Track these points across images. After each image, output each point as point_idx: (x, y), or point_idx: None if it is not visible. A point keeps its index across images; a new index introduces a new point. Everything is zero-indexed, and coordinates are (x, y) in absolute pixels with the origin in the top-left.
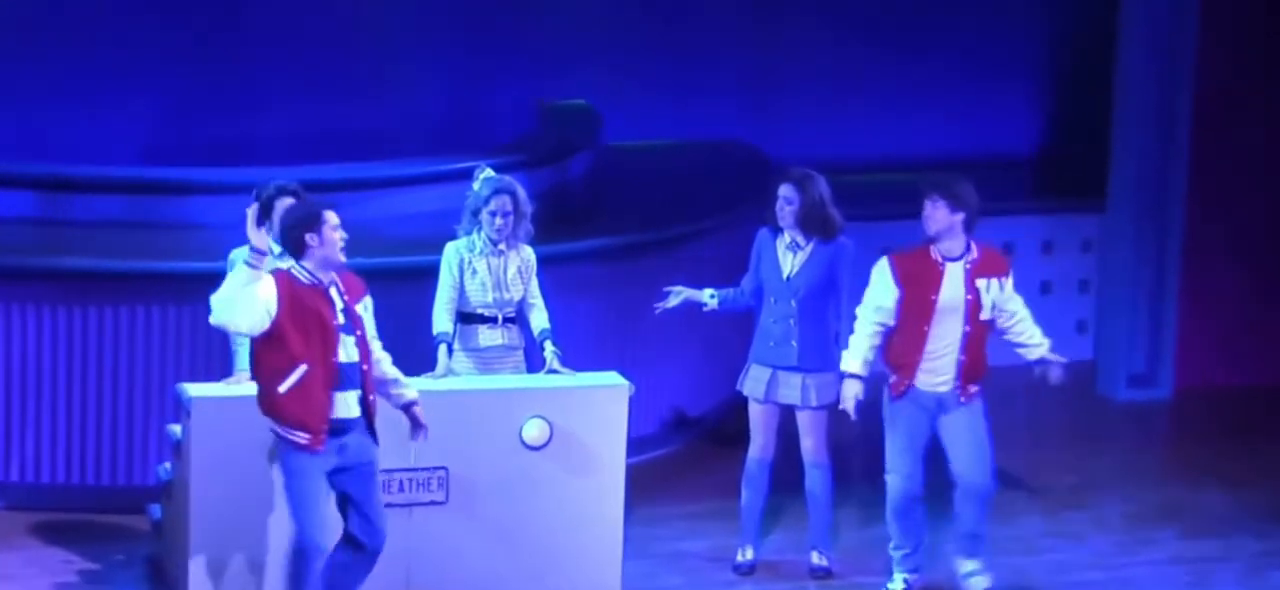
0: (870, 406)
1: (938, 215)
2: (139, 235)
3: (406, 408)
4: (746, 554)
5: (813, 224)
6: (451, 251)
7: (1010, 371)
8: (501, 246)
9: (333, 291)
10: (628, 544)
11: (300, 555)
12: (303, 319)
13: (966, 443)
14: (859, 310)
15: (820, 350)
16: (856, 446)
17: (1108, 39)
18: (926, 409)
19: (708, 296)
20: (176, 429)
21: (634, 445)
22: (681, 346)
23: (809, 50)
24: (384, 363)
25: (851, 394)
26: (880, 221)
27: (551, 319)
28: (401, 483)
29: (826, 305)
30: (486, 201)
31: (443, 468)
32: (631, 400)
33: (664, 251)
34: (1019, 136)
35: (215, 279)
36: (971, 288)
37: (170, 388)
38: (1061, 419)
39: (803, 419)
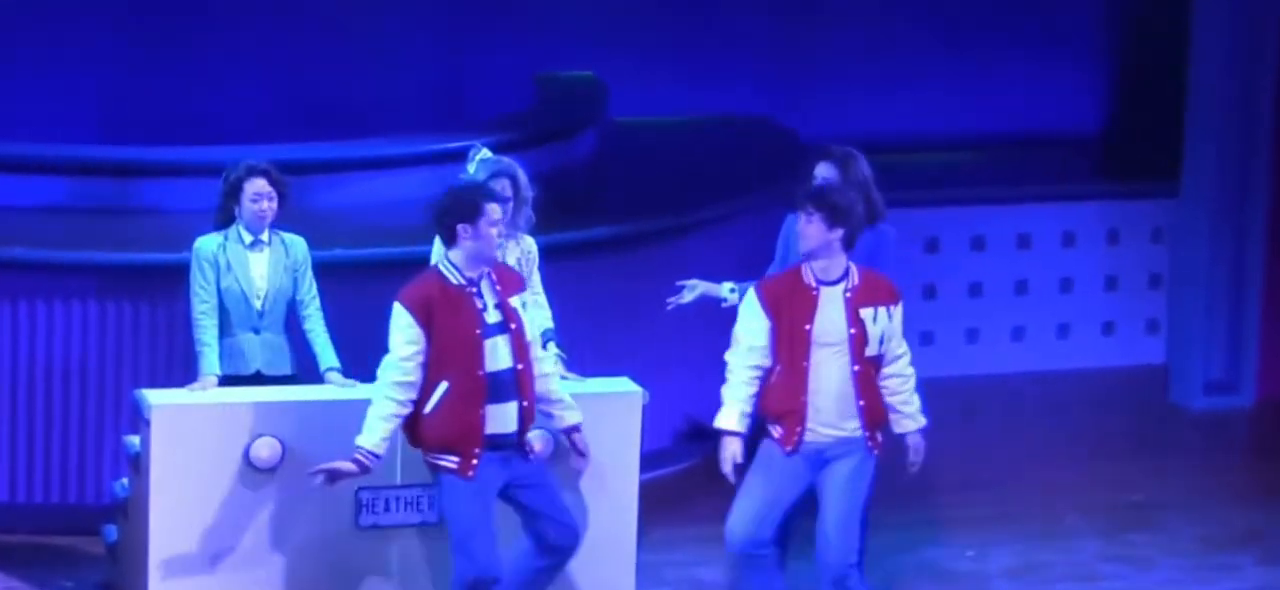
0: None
1: (811, 231)
2: (90, 222)
3: (568, 432)
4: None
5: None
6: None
7: (1066, 377)
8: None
9: (484, 286)
10: (641, 569)
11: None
12: (444, 329)
13: (836, 511)
14: (728, 355)
15: None
16: (894, 459)
17: (1182, 4)
18: (808, 462)
19: (727, 291)
20: (134, 440)
21: (646, 460)
22: (700, 347)
23: (845, 14)
24: (547, 369)
25: (730, 454)
26: (925, 207)
27: (555, 317)
28: (387, 502)
29: None
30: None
31: (433, 485)
32: (645, 409)
33: (679, 240)
34: (1082, 112)
35: (176, 270)
36: (854, 319)
37: (127, 394)
38: (1127, 430)
39: None
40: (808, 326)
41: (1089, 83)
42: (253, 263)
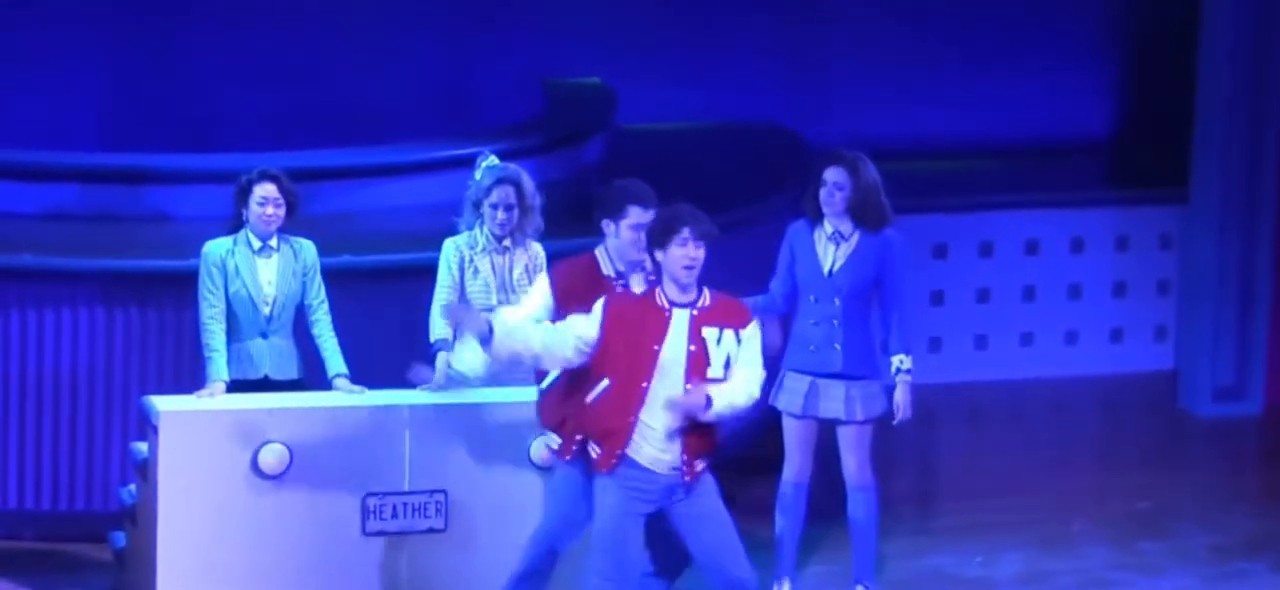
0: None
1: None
2: (97, 228)
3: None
4: (782, 587)
5: (863, 213)
6: (451, 248)
7: (1075, 384)
8: (506, 243)
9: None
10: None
11: None
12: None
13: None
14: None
15: (865, 355)
16: (902, 466)
17: (1191, 10)
18: (645, 494)
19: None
20: (142, 447)
21: None
22: None
23: (853, 21)
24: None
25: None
26: (933, 214)
27: None
28: (395, 508)
29: (870, 306)
30: (488, 192)
31: (442, 491)
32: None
33: None
34: (1091, 119)
35: (183, 277)
36: (696, 337)
37: (134, 401)
38: (1136, 436)
39: (846, 435)
40: (656, 346)
41: (1098, 90)
42: (261, 268)
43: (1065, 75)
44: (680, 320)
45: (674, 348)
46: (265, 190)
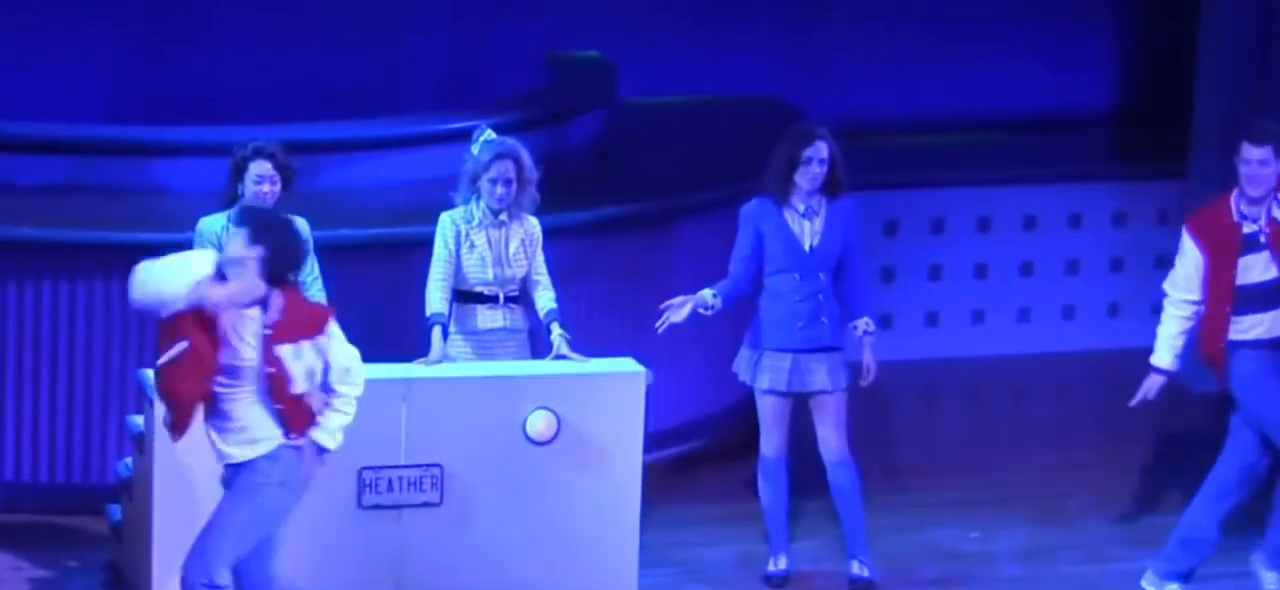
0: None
1: None
2: (95, 201)
3: None
4: (779, 563)
5: (836, 184)
6: (447, 222)
7: (1073, 359)
8: (503, 217)
9: None
10: (644, 551)
11: None
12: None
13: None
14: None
15: (841, 325)
16: (899, 441)
17: None
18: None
19: (711, 297)
20: (138, 420)
21: (650, 441)
22: (705, 328)
23: None
24: None
25: None
26: (932, 188)
27: (558, 298)
28: (390, 482)
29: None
30: (487, 167)
31: (437, 465)
32: (649, 389)
33: (685, 222)
34: (1092, 95)
35: (180, 250)
36: (271, 357)
37: (131, 374)
38: (1133, 411)
39: (827, 405)
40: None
41: (1098, 66)
42: None
43: (1065, 51)
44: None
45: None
46: (261, 168)
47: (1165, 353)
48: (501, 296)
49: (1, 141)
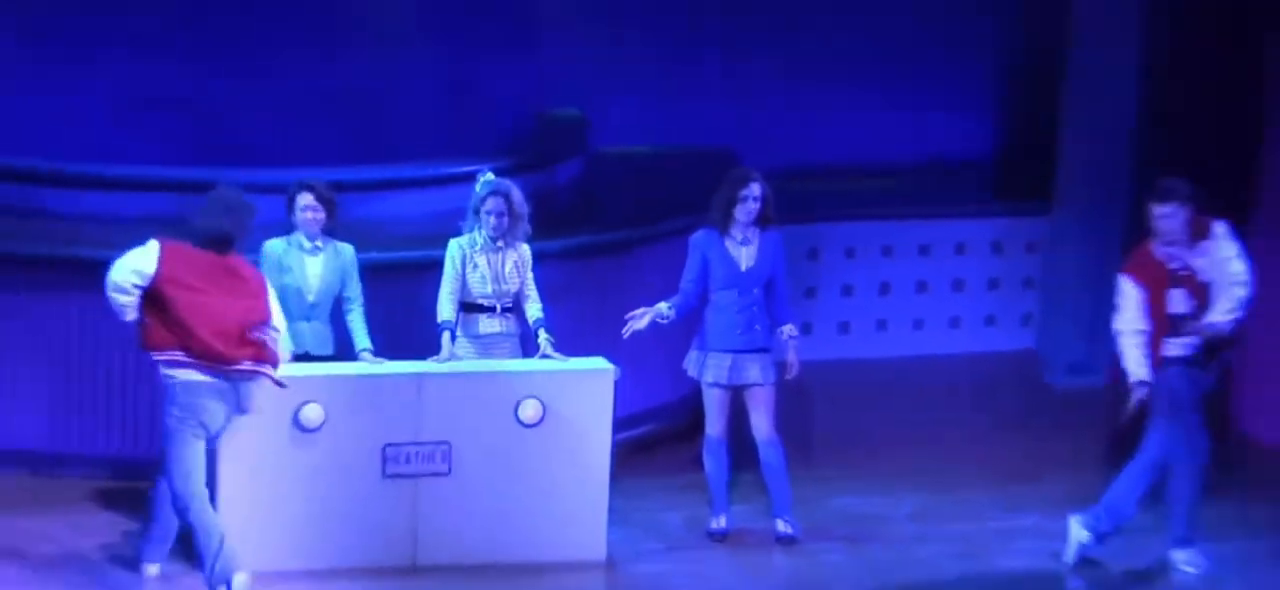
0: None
1: None
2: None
3: None
4: (720, 522)
5: (766, 217)
6: (455, 247)
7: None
8: (500, 243)
9: None
10: (612, 513)
11: None
12: None
13: None
14: None
15: (770, 330)
16: (815, 428)
17: (1058, 51)
18: None
19: (666, 309)
20: None
21: (619, 424)
22: (665, 333)
23: (784, 64)
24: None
25: None
26: (844, 221)
27: (545, 310)
28: (408, 456)
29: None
30: (483, 201)
31: (446, 442)
32: (617, 383)
33: (648, 248)
34: (974, 144)
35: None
36: None
37: None
38: (1006, 403)
39: (760, 396)
40: None
41: (979, 120)
42: (309, 264)
43: (953, 107)
44: None
45: None
46: (306, 198)
47: (1141, 369)
48: (499, 307)
49: (103, 182)
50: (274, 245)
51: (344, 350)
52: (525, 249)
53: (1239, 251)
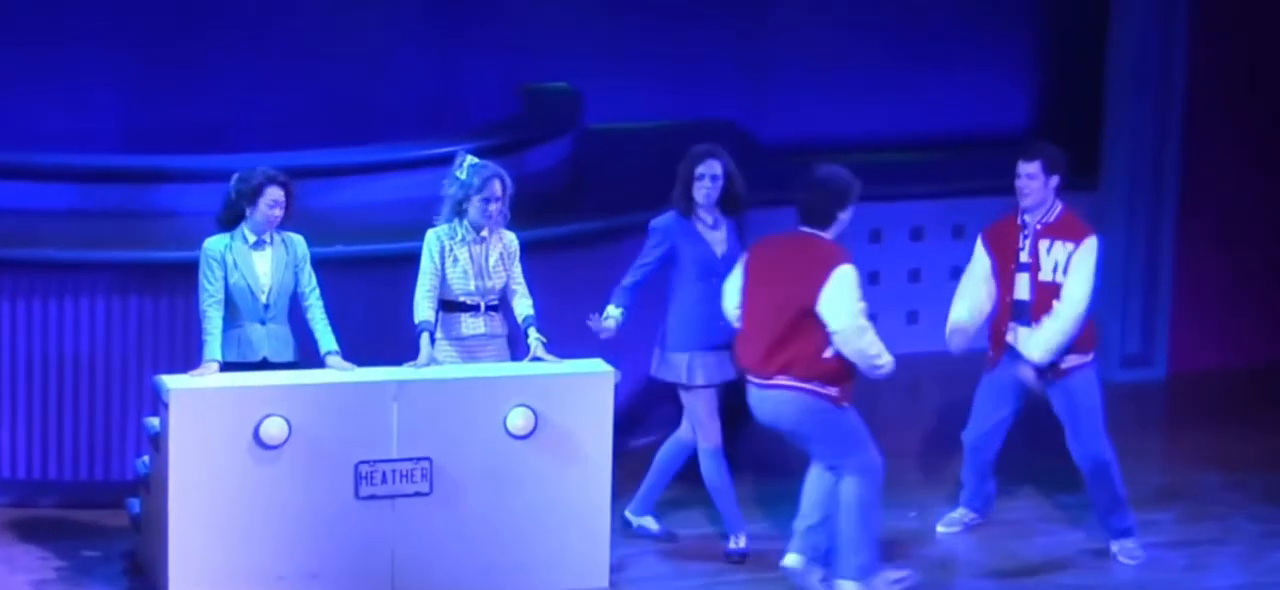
0: None
1: None
2: (112, 224)
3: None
4: (739, 542)
5: (733, 199)
6: (433, 238)
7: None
8: (484, 232)
9: None
10: (614, 532)
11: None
12: None
13: None
14: None
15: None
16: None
17: (1102, 19)
18: None
19: (618, 313)
20: (154, 421)
21: (619, 432)
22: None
23: (801, 31)
24: None
25: None
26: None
27: (535, 305)
28: (384, 474)
29: None
30: (479, 188)
31: (427, 459)
32: (617, 387)
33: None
34: (1012, 116)
35: (191, 267)
36: None
37: (148, 380)
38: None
39: (711, 396)
40: None
41: (1019, 91)
42: (257, 261)
43: (990, 78)
44: None
45: None
46: (275, 194)
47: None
48: (483, 305)
49: (30, 171)
50: (216, 243)
51: (307, 358)
52: (511, 238)
53: (1089, 277)
